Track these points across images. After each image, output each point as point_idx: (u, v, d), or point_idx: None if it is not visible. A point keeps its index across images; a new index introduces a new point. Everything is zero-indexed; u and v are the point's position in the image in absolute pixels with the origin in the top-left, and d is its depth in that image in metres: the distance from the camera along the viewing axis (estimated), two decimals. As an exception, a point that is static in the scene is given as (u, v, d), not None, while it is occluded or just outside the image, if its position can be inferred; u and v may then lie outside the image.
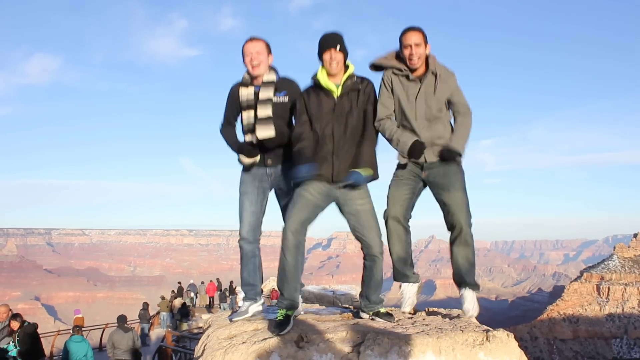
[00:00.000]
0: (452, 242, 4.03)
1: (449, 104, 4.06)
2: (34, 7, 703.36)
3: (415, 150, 3.87)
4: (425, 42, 3.95)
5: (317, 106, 3.87)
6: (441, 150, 3.95)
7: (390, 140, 3.97)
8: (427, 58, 3.99)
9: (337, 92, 3.87)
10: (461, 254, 4.02)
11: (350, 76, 3.90)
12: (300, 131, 3.85)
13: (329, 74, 3.88)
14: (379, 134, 3.98)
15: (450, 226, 4.00)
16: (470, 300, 4.03)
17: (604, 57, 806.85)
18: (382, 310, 3.94)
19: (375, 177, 3.82)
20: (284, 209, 4.10)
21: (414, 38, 3.92)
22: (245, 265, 4.15)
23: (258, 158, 4.05)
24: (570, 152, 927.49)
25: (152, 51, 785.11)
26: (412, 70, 3.99)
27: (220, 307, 29.00)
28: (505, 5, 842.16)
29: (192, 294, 32.55)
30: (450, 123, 4.11)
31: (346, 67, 3.92)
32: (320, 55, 3.86)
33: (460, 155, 3.94)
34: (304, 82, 4.07)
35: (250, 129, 4.07)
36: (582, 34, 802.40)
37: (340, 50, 3.81)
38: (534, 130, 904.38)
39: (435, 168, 4.00)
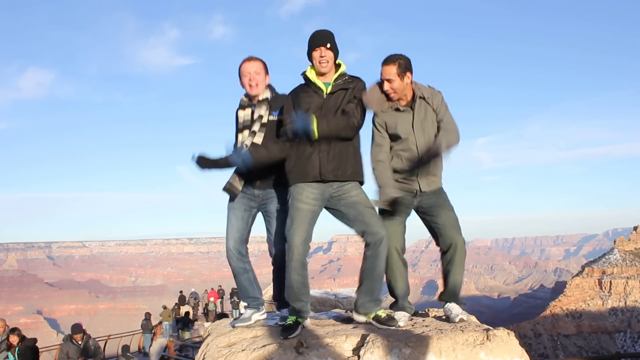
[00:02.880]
0: (449, 261, 3.98)
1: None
2: (26, 21, 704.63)
3: (396, 206, 3.83)
4: (404, 72, 3.87)
5: (306, 104, 3.78)
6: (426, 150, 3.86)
7: (376, 183, 3.94)
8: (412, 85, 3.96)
9: (325, 90, 3.80)
10: (457, 274, 3.99)
11: (342, 75, 3.84)
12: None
13: (319, 74, 3.82)
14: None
15: (447, 246, 3.96)
16: (458, 309, 3.94)
17: (599, 50, 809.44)
18: (383, 314, 3.81)
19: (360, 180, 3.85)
20: (271, 229, 4.09)
21: (385, 73, 3.88)
22: (240, 282, 4.15)
23: (240, 187, 4.04)
24: (567, 147, 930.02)
25: (145, 61, 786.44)
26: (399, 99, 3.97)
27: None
28: (496, 1, 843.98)
29: (193, 303, 32.37)
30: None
31: (338, 66, 3.86)
32: (310, 53, 3.79)
33: (437, 154, 3.81)
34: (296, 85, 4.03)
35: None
36: (575, 28, 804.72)
37: (330, 48, 3.74)
38: (530, 126, 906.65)
39: (426, 195, 4.00)
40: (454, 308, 3.95)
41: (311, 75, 3.81)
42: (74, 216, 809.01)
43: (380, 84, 3.96)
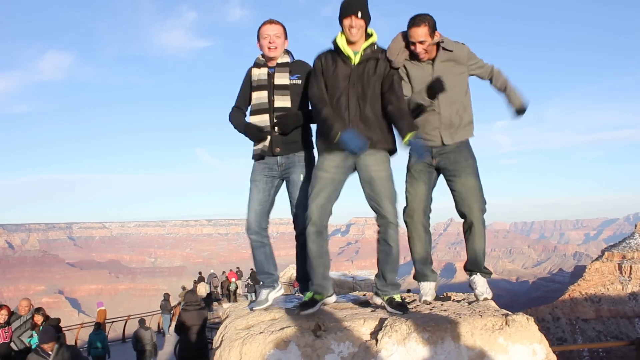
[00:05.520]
0: (466, 230, 3.98)
1: (475, 73, 4.03)
2: (45, 3, 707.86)
3: (435, 88, 3.78)
4: (433, 32, 3.81)
5: (333, 72, 3.75)
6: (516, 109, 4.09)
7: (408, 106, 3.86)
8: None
9: (354, 59, 3.73)
10: (476, 243, 3.97)
11: (371, 45, 3.77)
12: (320, 95, 3.75)
13: (349, 41, 3.73)
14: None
15: (462, 214, 3.94)
16: (482, 284, 4.00)
17: (618, 34, 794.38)
18: (397, 298, 3.78)
19: (389, 147, 3.76)
20: (293, 201, 4.03)
21: (416, 35, 3.79)
22: (256, 256, 4.11)
23: (267, 141, 4.00)
24: (586, 131, 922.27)
25: (163, 44, 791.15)
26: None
27: (248, 297, 28.92)
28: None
29: (215, 283, 32.67)
30: (471, 108, 4.05)
31: (369, 35, 3.78)
32: (341, 20, 3.71)
33: (524, 110, 4.09)
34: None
35: (259, 110, 4.03)
36: (593, 12, 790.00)
37: (362, 17, 3.65)
38: (549, 110, 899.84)
39: (446, 154, 3.93)
40: (478, 282, 4.00)
41: (341, 42, 3.73)
42: (94, 197, 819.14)
43: (403, 34, 3.91)
